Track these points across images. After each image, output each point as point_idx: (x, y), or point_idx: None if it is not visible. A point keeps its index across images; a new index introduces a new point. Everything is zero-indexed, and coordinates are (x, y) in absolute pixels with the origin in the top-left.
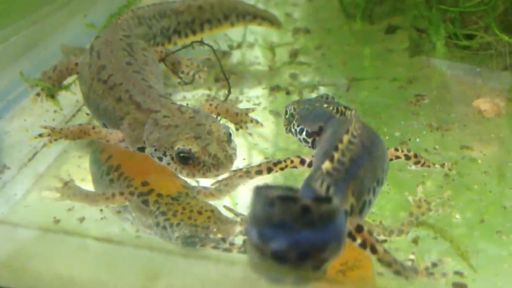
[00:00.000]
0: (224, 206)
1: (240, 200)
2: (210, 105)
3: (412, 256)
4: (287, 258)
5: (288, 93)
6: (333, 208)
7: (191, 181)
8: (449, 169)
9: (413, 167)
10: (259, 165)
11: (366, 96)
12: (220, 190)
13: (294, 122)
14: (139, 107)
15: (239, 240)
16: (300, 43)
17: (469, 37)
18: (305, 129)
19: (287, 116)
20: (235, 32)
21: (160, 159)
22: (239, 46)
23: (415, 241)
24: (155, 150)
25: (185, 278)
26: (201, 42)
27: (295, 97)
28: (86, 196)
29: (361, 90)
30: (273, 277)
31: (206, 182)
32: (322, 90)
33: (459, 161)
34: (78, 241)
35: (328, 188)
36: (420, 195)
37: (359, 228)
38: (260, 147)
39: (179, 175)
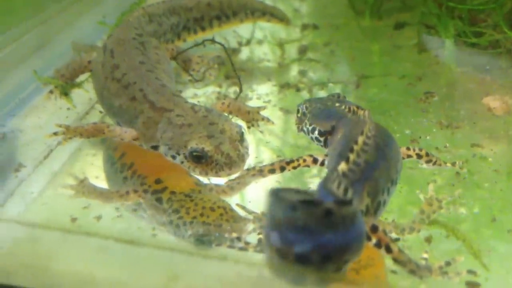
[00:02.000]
0: (237, 204)
1: (252, 197)
2: (222, 103)
3: (425, 255)
4: (311, 261)
5: (298, 90)
6: (354, 211)
7: (204, 179)
8: (460, 168)
9: (425, 165)
10: (272, 164)
11: (375, 93)
12: (232, 188)
13: (306, 121)
14: (153, 106)
15: (252, 238)
16: (308, 40)
17: (478, 34)
18: (317, 128)
19: (299, 115)
20: (244, 29)
21: (174, 157)
22: (248, 42)
23: (428, 240)
24: (169, 148)
25: (205, 279)
26: (213, 41)
27: (305, 94)
28: (100, 194)
29: (370, 87)
30: (293, 278)
31: (218, 180)
32: (332, 87)
33: (469, 159)
34: (99, 241)
35: (345, 190)
36: (431, 193)
37: (374, 228)
38: (271, 144)
39: (192, 174)
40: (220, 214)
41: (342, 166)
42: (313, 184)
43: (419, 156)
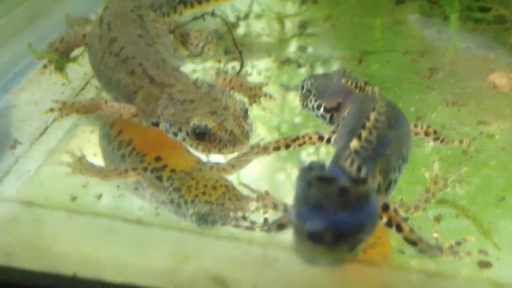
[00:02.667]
0: (240, 182)
1: (254, 175)
2: (224, 79)
3: (436, 235)
4: (324, 239)
5: (299, 66)
6: (369, 190)
7: (204, 157)
8: (468, 146)
9: (432, 143)
10: (277, 141)
11: (378, 70)
12: (233, 166)
13: (312, 97)
14: (153, 81)
15: (258, 217)
16: (308, 14)
17: (482, 9)
18: (323, 105)
19: (304, 92)
20: (241, 3)
21: (175, 134)
22: (246, 16)
23: (437, 219)
24: (170, 125)
25: (215, 259)
26: (213, 14)
27: (306, 70)
28: (98, 171)
29: (373, 63)
30: (307, 257)
31: (218, 157)
32: (334, 63)
33: (476, 137)
34: (105, 222)
35: (359, 168)
36: (436, 171)
37: (385, 207)
38: (271, 121)
39: (194, 151)
40: (222, 192)
41: (354, 143)
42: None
43: (426, 134)
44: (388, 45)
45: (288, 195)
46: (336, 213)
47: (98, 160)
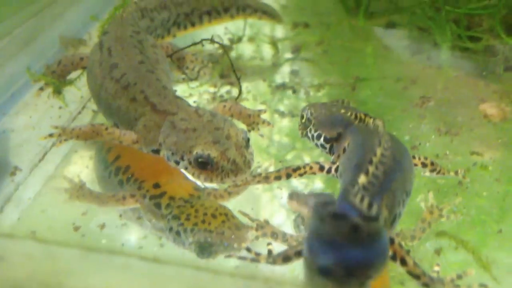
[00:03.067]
0: (239, 211)
1: (253, 204)
2: (224, 106)
3: (437, 268)
4: (334, 275)
5: (294, 92)
6: (380, 227)
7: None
8: (463, 177)
9: (427, 173)
10: (278, 171)
11: (370, 96)
12: (230, 193)
13: (311, 127)
14: (155, 109)
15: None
16: (300, 38)
17: (472, 38)
18: (323, 135)
19: (303, 121)
20: (233, 25)
21: (177, 163)
22: (239, 40)
23: (437, 251)
24: (172, 154)
25: None
26: (212, 40)
27: (300, 96)
28: (96, 198)
29: (366, 89)
30: None
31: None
32: (328, 89)
33: (470, 167)
34: (120, 259)
35: (370, 204)
36: (431, 201)
37: (391, 241)
38: (269, 149)
39: (196, 180)
40: (222, 221)
41: (362, 179)
42: (299, 185)
43: (424, 165)
44: (380, 71)
45: (285, 224)
46: (348, 249)
47: (95, 186)
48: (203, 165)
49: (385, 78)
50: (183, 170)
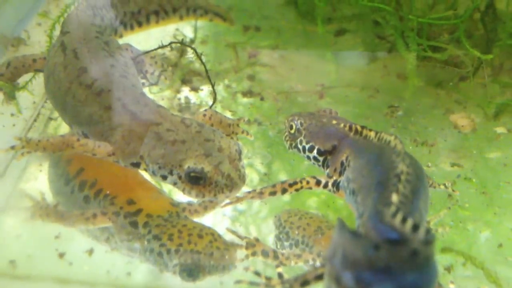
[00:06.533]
0: (227, 229)
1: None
2: (204, 115)
3: (452, 286)
4: None
5: (262, 99)
6: (433, 250)
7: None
8: (453, 190)
9: None
10: (273, 186)
11: (338, 106)
12: (205, 207)
13: (302, 138)
14: (135, 118)
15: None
16: (254, 42)
17: (435, 48)
18: (316, 147)
19: (292, 131)
20: (183, 26)
21: (164, 177)
22: (192, 42)
23: (447, 269)
24: (159, 168)
25: None
26: (181, 43)
27: (269, 103)
28: (61, 216)
29: (331, 97)
30: None
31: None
32: (295, 96)
33: (455, 179)
34: None
35: (415, 226)
36: None
37: None
38: (252, 158)
39: (186, 196)
40: (209, 241)
41: (395, 198)
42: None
43: None
44: (342, 80)
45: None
46: (405, 276)
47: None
48: (196, 180)
49: (349, 86)
50: (168, 185)
